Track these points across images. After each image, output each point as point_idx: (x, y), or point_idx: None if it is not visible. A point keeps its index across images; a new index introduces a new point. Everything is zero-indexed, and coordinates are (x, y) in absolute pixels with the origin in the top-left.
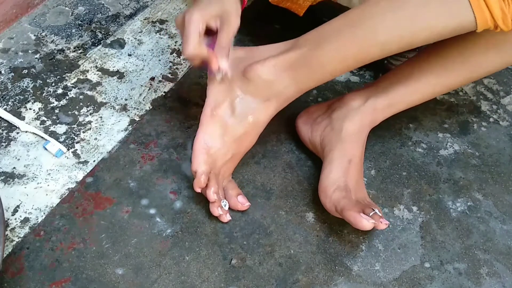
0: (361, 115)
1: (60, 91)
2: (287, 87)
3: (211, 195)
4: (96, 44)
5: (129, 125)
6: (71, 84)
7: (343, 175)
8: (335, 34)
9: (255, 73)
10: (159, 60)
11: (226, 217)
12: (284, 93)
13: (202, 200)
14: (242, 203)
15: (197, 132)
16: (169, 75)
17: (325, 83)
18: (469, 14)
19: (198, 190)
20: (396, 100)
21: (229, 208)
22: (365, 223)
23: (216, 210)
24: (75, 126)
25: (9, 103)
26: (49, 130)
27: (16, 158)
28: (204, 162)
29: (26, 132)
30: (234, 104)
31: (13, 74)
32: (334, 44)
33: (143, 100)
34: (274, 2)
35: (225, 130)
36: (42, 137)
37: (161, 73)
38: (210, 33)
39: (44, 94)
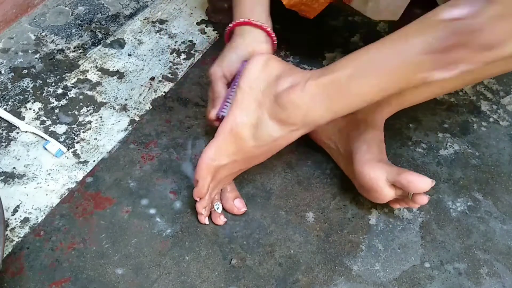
0: (378, 108)
1: (60, 91)
2: (322, 116)
3: (200, 209)
4: (96, 44)
5: (129, 125)
6: (71, 84)
7: (380, 152)
8: (379, 63)
9: (291, 101)
10: (159, 60)
11: (221, 220)
12: (317, 121)
13: None
14: (238, 208)
15: (210, 142)
16: (169, 75)
17: None
18: None
19: (197, 199)
20: (407, 98)
21: (224, 210)
22: (427, 180)
23: (203, 219)
24: (75, 126)
25: (9, 103)
26: (49, 130)
27: (16, 158)
28: (209, 174)
29: (26, 132)
30: (258, 128)
31: (13, 74)
32: (377, 74)
33: (143, 100)
34: (289, 6)
35: (239, 149)
36: (42, 137)
37: (161, 73)
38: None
39: (44, 94)
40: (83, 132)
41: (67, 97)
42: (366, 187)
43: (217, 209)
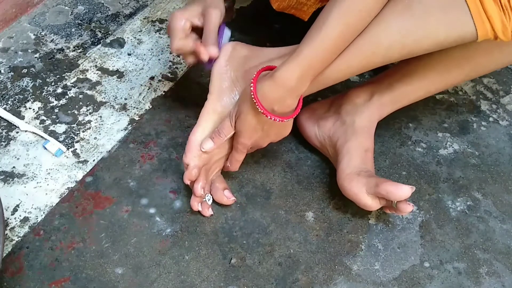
0: (370, 110)
1: (59, 90)
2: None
3: (198, 189)
4: (96, 44)
5: (128, 124)
6: (71, 83)
7: (363, 162)
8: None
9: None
10: (159, 59)
11: (208, 212)
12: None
13: None
14: (228, 197)
15: (195, 126)
16: (169, 75)
17: None
18: (470, 25)
19: (188, 182)
20: (400, 97)
21: (216, 203)
22: (406, 188)
23: (195, 205)
24: (74, 125)
25: (9, 102)
26: (49, 129)
27: (15, 157)
28: (198, 157)
29: (25, 131)
30: (235, 104)
31: (12, 73)
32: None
33: (143, 100)
34: (279, 9)
35: None
36: (41, 137)
37: (160, 73)
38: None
39: (43, 94)
40: (83, 131)
41: (67, 97)
42: (351, 200)
43: (208, 200)
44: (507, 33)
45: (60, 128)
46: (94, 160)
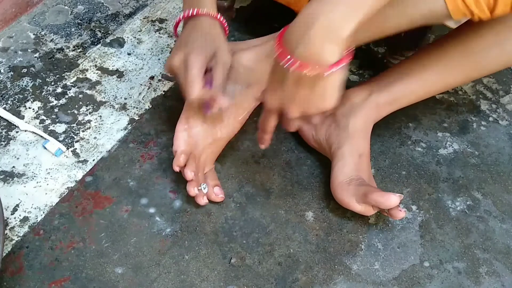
0: (365, 110)
1: (59, 90)
2: (266, 73)
3: (188, 173)
4: (96, 43)
5: (128, 124)
6: (71, 83)
7: (356, 169)
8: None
9: (237, 60)
10: (159, 59)
11: (203, 200)
12: (264, 79)
13: None
14: (216, 193)
15: (181, 114)
16: (169, 74)
17: None
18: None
19: (177, 169)
20: (398, 97)
21: (214, 202)
22: (393, 197)
23: (192, 190)
24: (74, 125)
25: (9, 102)
26: (49, 129)
27: (15, 157)
28: (185, 143)
29: (25, 131)
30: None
31: (12, 73)
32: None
33: (143, 99)
34: None
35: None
36: (41, 136)
37: (160, 72)
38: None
39: (43, 93)
40: (83, 131)
41: (67, 96)
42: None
43: (203, 189)
44: (480, 6)
45: (60, 127)
46: (94, 160)
